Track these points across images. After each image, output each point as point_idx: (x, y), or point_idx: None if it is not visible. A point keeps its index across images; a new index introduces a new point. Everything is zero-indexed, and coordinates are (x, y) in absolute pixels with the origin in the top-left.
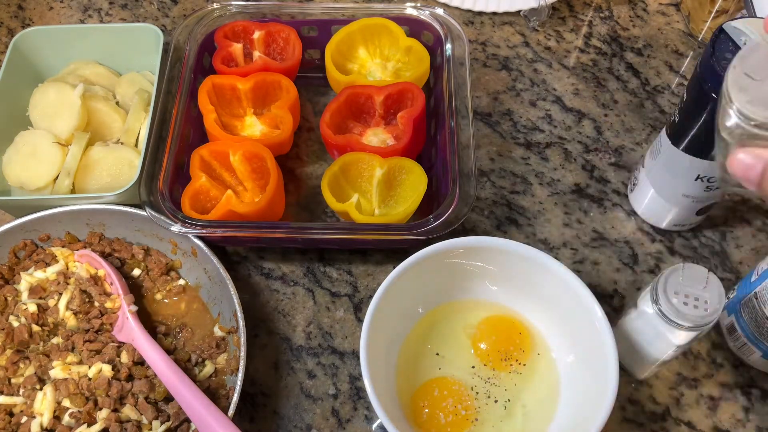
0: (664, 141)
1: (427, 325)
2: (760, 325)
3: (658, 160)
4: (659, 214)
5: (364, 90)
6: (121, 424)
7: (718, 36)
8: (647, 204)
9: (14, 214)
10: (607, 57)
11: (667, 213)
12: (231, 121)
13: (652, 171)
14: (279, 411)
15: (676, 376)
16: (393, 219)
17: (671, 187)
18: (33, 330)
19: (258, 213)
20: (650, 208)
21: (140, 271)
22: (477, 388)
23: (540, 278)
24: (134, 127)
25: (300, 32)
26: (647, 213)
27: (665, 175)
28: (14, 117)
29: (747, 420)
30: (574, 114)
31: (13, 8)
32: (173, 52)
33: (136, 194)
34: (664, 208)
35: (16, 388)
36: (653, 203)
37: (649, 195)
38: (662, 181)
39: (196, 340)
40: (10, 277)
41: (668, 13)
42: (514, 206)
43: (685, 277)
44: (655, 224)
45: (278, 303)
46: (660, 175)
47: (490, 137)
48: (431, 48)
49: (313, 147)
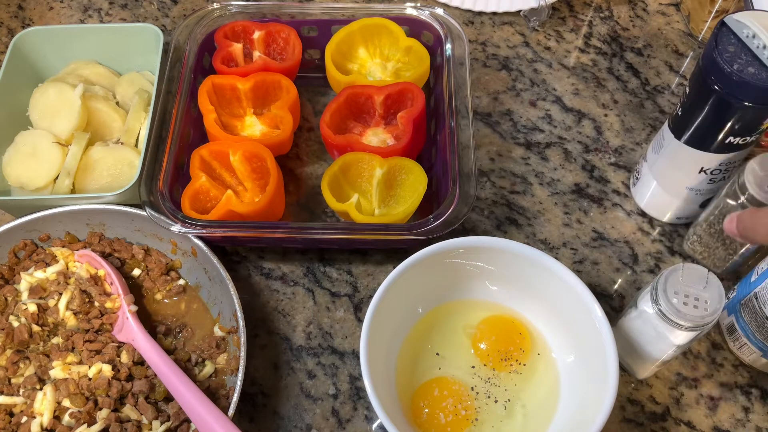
0: (667, 135)
1: (427, 325)
2: (760, 325)
3: (661, 153)
4: (662, 208)
5: (364, 90)
6: (121, 424)
7: (721, 29)
8: (650, 198)
9: (14, 214)
10: (607, 57)
11: (670, 206)
12: (231, 121)
13: (655, 165)
14: (279, 411)
15: (676, 376)
16: (393, 219)
17: (675, 180)
18: (33, 330)
19: (258, 213)
20: (653, 201)
21: (140, 271)
22: (477, 388)
23: (540, 278)
24: (134, 127)
25: (300, 32)
26: (650, 207)
27: (668, 169)
28: (14, 117)
29: (747, 420)
30: (574, 114)
31: (13, 8)
32: (173, 52)
33: (136, 194)
34: (667, 202)
35: (16, 388)
36: (656, 197)
37: (652, 189)
38: (665, 175)
39: (196, 340)
40: (10, 277)
41: (668, 13)
42: (514, 206)
43: (685, 277)
44: (657, 217)
45: (278, 303)
46: (663, 169)
47: (490, 137)
48: (431, 48)
49: (313, 147)
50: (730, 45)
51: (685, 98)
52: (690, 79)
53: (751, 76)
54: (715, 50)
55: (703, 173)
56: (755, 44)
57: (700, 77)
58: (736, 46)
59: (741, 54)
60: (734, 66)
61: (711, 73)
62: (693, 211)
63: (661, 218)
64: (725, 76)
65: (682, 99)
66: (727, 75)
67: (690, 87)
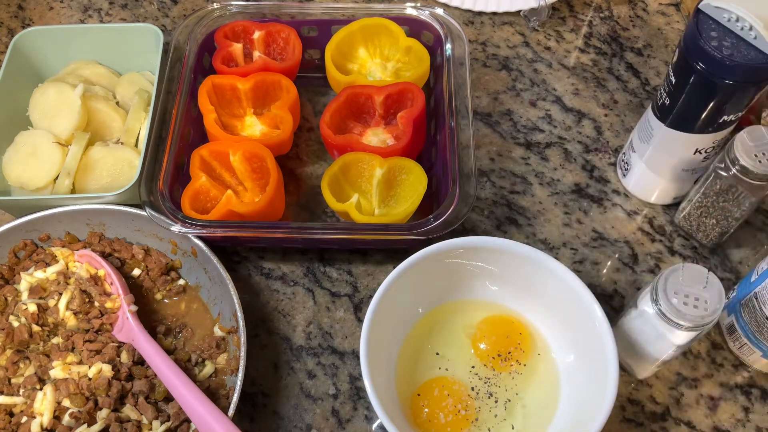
0: (655, 123)
1: (427, 325)
2: (760, 325)
3: (651, 143)
4: (661, 193)
5: (364, 90)
6: (121, 424)
7: (698, 17)
8: (645, 186)
9: (14, 214)
10: (607, 57)
11: (668, 190)
12: (231, 121)
13: (646, 154)
14: (279, 411)
15: (676, 376)
16: (393, 219)
17: (669, 165)
18: (33, 330)
19: (258, 213)
20: (650, 189)
21: (140, 271)
22: (477, 388)
23: (540, 278)
24: (134, 127)
25: (300, 32)
26: (648, 194)
27: (662, 156)
28: (14, 117)
29: (747, 420)
30: (574, 114)
31: (13, 8)
32: (173, 52)
33: (136, 194)
34: (664, 186)
35: (16, 388)
36: (652, 184)
37: (647, 177)
38: (659, 162)
39: (196, 340)
40: (10, 277)
41: (668, 13)
42: (514, 206)
43: (685, 277)
44: (656, 202)
45: (278, 303)
46: (656, 157)
47: (490, 137)
48: (431, 48)
49: (313, 147)
50: (713, 31)
51: (671, 88)
52: (673, 69)
53: (743, 57)
54: (701, 39)
55: (698, 154)
56: (739, 26)
57: (682, 59)
58: (717, 31)
59: (725, 38)
60: (723, 51)
61: (705, 63)
62: (688, 188)
63: (662, 202)
64: (718, 63)
65: (668, 89)
66: (719, 61)
67: (675, 75)
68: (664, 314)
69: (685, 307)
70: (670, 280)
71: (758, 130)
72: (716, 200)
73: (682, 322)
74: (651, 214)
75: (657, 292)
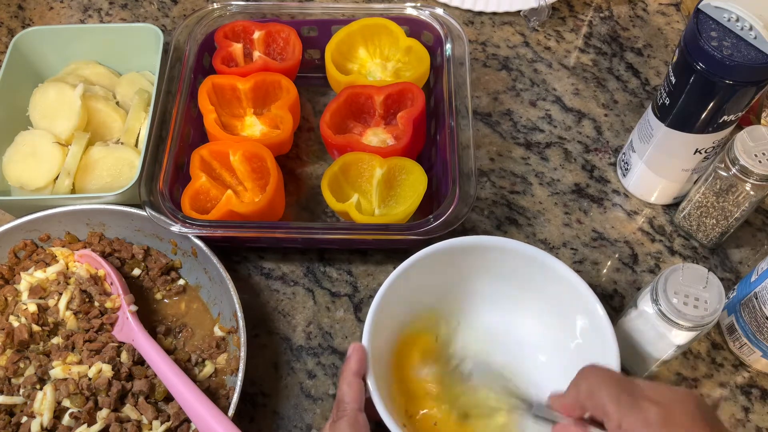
0: (655, 124)
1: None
2: (760, 325)
3: (651, 143)
4: (661, 193)
5: (364, 90)
6: (121, 424)
7: (698, 17)
8: (645, 186)
9: (14, 214)
10: (607, 57)
11: (668, 190)
12: (231, 121)
13: (646, 154)
14: (279, 411)
15: (676, 376)
16: (393, 219)
17: (670, 165)
18: (33, 330)
19: (258, 213)
20: (649, 189)
21: (140, 271)
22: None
23: (541, 277)
24: (134, 127)
25: (300, 32)
26: (648, 194)
27: (662, 156)
28: (14, 117)
29: (747, 420)
30: (574, 114)
31: (13, 8)
32: (173, 52)
33: (136, 194)
34: (665, 186)
35: (16, 388)
36: (652, 184)
37: (647, 177)
38: (660, 162)
39: (196, 340)
40: (10, 277)
41: (668, 13)
42: (514, 206)
43: (685, 277)
44: (656, 202)
45: (278, 303)
46: (656, 157)
47: (490, 137)
48: (431, 48)
49: (313, 147)
50: (712, 31)
51: (671, 88)
52: (673, 69)
53: (743, 57)
54: (701, 39)
55: (698, 154)
56: (739, 26)
57: (682, 58)
58: (717, 31)
59: (725, 38)
60: (723, 51)
61: (705, 63)
62: (688, 188)
63: (662, 202)
64: (718, 63)
65: (668, 89)
66: (718, 61)
67: (675, 76)
68: (664, 314)
69: (685, 307)
70: (670, 280)
71: (758, 130)
72: (716, 200)
73: (682, 322)
74: (651, 214)
75: (657, 292)
